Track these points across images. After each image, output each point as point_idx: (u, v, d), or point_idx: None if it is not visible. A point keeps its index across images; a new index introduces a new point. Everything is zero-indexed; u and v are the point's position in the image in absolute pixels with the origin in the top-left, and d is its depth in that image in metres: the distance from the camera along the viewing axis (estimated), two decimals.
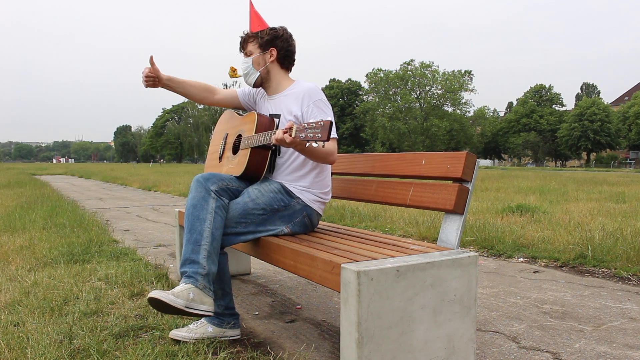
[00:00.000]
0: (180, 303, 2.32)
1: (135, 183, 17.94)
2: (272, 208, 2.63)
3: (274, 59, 2.81)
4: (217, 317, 2.58)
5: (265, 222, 2.63)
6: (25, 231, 5.89)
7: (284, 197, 2.68)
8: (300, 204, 2.71)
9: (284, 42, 2.82)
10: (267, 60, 2.81)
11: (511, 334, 2.74)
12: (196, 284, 2.39)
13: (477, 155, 3.30)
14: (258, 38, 2.81)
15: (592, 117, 67.78)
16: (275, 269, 4.29)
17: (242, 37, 2.87)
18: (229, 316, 2.61)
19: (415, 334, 2.00)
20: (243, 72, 2.87)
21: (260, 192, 2.64)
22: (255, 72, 2.82)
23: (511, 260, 4.69)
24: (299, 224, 2.74)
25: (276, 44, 2.81)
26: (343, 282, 1.94)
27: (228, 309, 2.61)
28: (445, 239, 2.36)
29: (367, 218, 7.12)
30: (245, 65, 2.84)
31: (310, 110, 2.66)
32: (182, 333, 2.54)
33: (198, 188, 2.61)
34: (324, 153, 2.54)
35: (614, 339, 2.67)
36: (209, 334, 2.56)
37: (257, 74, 2.82)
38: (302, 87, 2.75)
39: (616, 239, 4.78)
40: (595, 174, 27.80)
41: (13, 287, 3.48)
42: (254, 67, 2.82)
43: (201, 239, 2.47)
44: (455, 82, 70.37)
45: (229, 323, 2.60)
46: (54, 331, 2.58)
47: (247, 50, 2.84)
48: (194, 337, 2.52)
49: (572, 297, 3.44)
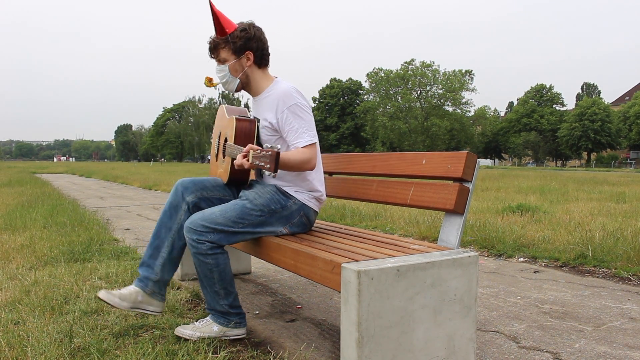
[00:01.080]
0: (126, 306, 2.55)
1: (136, 182, 17.94)
2: (269, 209, 2.61)
3: (251, 62, 2.68)
4: (223, 316, 2.58)
5: (263, 224, 2.61)
6: (26, 230, 5.89)
7: (281, 197, 2.66)
8: (297, 204, 2.69)
9: (258, 43, 2.67)
10: (244, 66, 2.68)
11: (511, 334, 2.74)
12: (145, 289, 2.60)
13: (477, 154, 3.27)
14: (230, 43, 2.63)
15: (593, 117, 67.76)
16: (275, 268, 4.29)
17: (212, 44, 2.68)
18: (234, 315, 2.60)
19: (415, 334, 2.01)
20: (221, 81, 2.75)
21: (257, 194, 2.63)
22: (234, 79, 2.71)
23: (511, 260, 4.69)
24: (297, 224, 2.73)
25: (251, 47, 2.65)
26: (343, 281, 1.94)
27: (233, 308, 2.59)
28: (445, 238, 2.36)
29: (367, 217, 7.12)
30: (222, 73, 2.70)
31: (284, 117, 2.57)
32: (187, 331, 2.54)
33: (175, 195, 2.73)
34: (297, 163, 2.48)
35: (614, 339, 2.67)
36: (214, 333, 2.56)
37: (237, 81, 2.71)
38: (277, 91, 2.65)
39: (616, 239, 4.78)
40: (595, 174, 27.80)
41: (14, 285, 3.48)
42: (232, 75, 2.69)
43: (162, 247, 2.64)
44: (455, 82, 70.34)
45: (234, 322, 2.60)
46: (55, 330, 2.58)
47: (220, 58, 2.69)
48: (198, 335, 2.53)
49: (572, 297, 3.44)
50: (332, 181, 3.16)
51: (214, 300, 2.57)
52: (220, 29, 2.62)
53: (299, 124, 2.55)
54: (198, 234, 2.46)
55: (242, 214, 2.55)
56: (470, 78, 71.84)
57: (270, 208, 2.61)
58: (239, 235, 2.57)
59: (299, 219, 2.71)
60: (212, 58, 2.74)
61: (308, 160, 2.51)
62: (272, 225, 2.64)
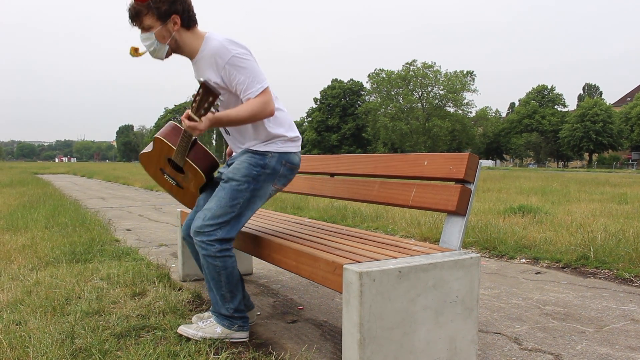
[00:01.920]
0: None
1: (137, 182, 17.95)
2: (252, 176, 2.54)
3: (179, 26, 2.48)
4: (227, 319, 2.58)
5: (254, 192, 2.56)
6: (28, 230, 5.90)
7: (257, 159, 2.58)
8: (274, 156, 2.60)
9: (182, 4, 2.47)
10: (171, 31, 2.47)
11: (513, 335, 2.74)
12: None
13: (478, 155, 3.26)
14: (153, 9, 2.42)
15: (594, 118, 67.70)
16: (277, 269, 4.29)
17: (132, 11, 2.45)
18: (238, 319, 2.60)
19: (417, 335, 2.00)
20: (149, 50, 2.52)
21: (235, 168, 2.58)
22: (162, 46, 2.50)
23: (513, 261, 4.69)
24: (283, 175, 2.66)
25: (176, 9, 2.45)
26: (345, 283, 1.93)
27: (237, 312, 2.60)
28: (447, 240, 2.36)
29: (368, 218, 7.12)
30: (148, 42, 2.49)
31: (227, 73, 2.44)
32: (190, 330, 2.55)
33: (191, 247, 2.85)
34: (252, 115, 2.42)
35: (616, 340, 2.66)
36: (217, 335, 2.56)
37: (166, 48, 2.52)
38: (210, 49, 2.47)
39: (618, 240, 4.77)
40: (597, 175, 27.77)
41: (15, 286, 3.48)
42: (159, 42, 2.49)
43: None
44: (457, 83, 70.33)
45: (238, 325, 2.60)
46: (56, 330, 2.58)
47: (144, 25, 2.46)
48: (201, 335, 2.53)
49: (574, 299, 3.44)
50: (334, 182, 3.16)
51: (219, 304, 2.56)
52: None
53: (245, 75, 2.42)
54: (207, 235, 2.46)
55: (233, 194, 2.52)
56: (471, 79, 71.83)
57: (253, 174, 2.55)
58: (242, 217, 2.55)
59: (282, 169, 2.63)
60: (134, 26, 2.51)
61: (262, 109, 2.42)
62: (263, 189, 2.60)
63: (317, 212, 7.83)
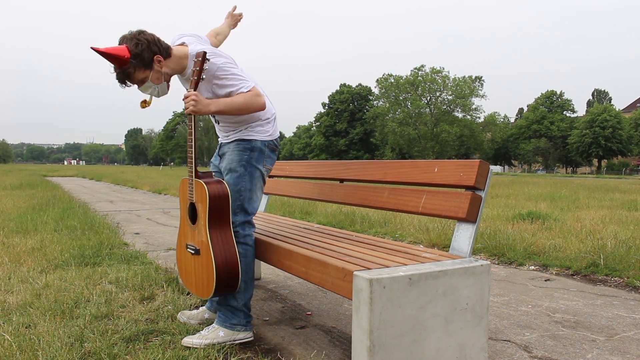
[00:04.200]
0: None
1: (146, 186, 18.01)
2: (245, 160, 2.73)
3: (163, 62, 2.61)
4: (235, 312, 2.64)
5: (252, 174, 2.73)
6: (37, 233, 5.93)
7: (244, 144, 2.74)
8: (258, 139, 2.76)
9: (155, 44, 2.57)
10: (160, 69, 2.62)
11: (522, 343, 2.72)
12: None
13: (487, 161, 3.23)
14: (138, 64, 2.54)
15: (604, 124, 67.29)
16: (285, 275, 4.28)
17: (121, 75, 2.56)
18: (245, 314, 2.67)
19: (427, 343, 1.99)
20: (154, 95, 2.71)
21: (229, 158, 2.77)
22: (162, 85, 2.69)
23: (522, 268, 4.66)
24: (269, 156, 2.81)
25: (153, 51, 2.56)
26: (355, 289, 1.93)
27: (246, 307, 2.68)
28: (457, 247, 2.35)
29: (377, 224, 7.10)
30: (149, 90, 2.66)
31: (216, 87, 2.60)
32: (194, 340, 2.56)
33: None
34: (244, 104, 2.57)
35: (628, 349, 2.64)
36: (221, 338, 2.58)
37: (165, 84, 2.70)
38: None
39: (629, 247, 4.74)
40: (606, 181, 27.61)
41: (24, 288, 3.50)
42: (157, 85, 2.66)
43: None
44: (465, 88, 70.12)
45: (241, 325, 2.64)
46: (65, 334, 2.59)
47: (138, 80, 2.60)
48: (205, 342, 2.54)
49: (584, 307, 3.42)
50: (343, 188, 3.16)
51: (231, 294, 2.64)
52: (119, 60, 2.51)
53: (232, 80, 2.58)
54: None
55: (236, 181, 2.71)
56: (480, 84, 71.62)
57: (245, 158, 2.73)
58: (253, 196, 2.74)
59: (267, 150, 2.79)
60: (129, 86, 2.65)
61: (254, 100, 2.59)
62: (257, 169, 2.76)
63: (326, 217, 7.82)
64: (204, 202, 2.56)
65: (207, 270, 2.55)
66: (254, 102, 2.60)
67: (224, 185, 2.63)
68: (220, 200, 2.58)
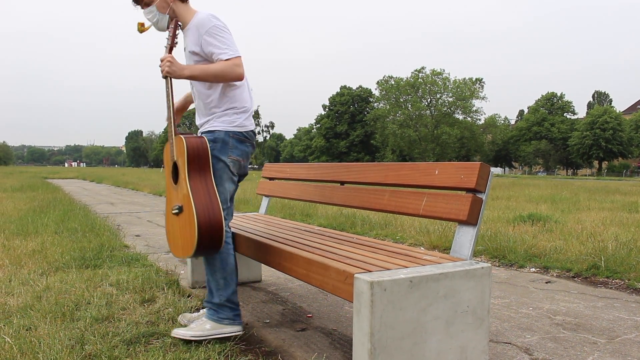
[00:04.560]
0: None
1: (146, 188, 18.01)
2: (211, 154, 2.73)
3: None
4: (219, 308, 2.69)
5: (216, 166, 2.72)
6: (38, 235, 5.93)
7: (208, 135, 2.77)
8: (222, 130, 2.77)
9: None
10: (169, 1, 2.79)
11: (523, 346, 2.72)
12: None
13: (487, 163, 3.23)
14: None
15: (604, 126, 67.31)
16: (285, 277, 4.28)
17: None
18: (229, 309, 2.70)
19: (427, 345, 1.99)
20: (152, 22, 2.85)
21: None
22: (163, 16, 2.82)
23: (523, 270, 4.66)
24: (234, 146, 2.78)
25: None
26: (356, 292, 1.93)
27: (230, 302, 2.71)
28: (458, 249, 2.35)
29: (377, 226, 7.10)
30: (151, 14, 2.82)
31: (204, 41, 2.67)
32: (181, 331, 2.64)
33: None
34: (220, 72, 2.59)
35: (629, 352, 2.64)
36: (207, 331, 2.65)
37: (166, 17, 2.82)
38: (196, 20, 2.74)
39: (630, 249, 4.73)
40: (607, 183, 27.60)
41: (25, 291, 3.50)
42: (160, 12, 2.81)
43: None
44: (466, 90, 70.16)
45: (228, 319, 2.70)
46: (66, 336, 2.59)
47: (145, 1, 2.80)
48: (192, 334, 2.61)
49: (585, 309, 3.41)
50: (344, 191, 3.16)
51: (213, 292, 2.71)
52: None
53: (220, 42, 2.64)
54: None
55: None
56: (480, 86, 71.68)
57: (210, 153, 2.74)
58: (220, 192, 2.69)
59: (231, 140, 2.78)
60: (137, 5, 2.86)
61: (231, 70, 2.60)
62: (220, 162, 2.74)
63: (326, 220, 7.82)
64: (183, 155, 2.59)
65: (190, 224, 2.51)
66: (232, 71, 2.62)
67: (204, 139, 2.67)
68: (198, 150, 2.61)
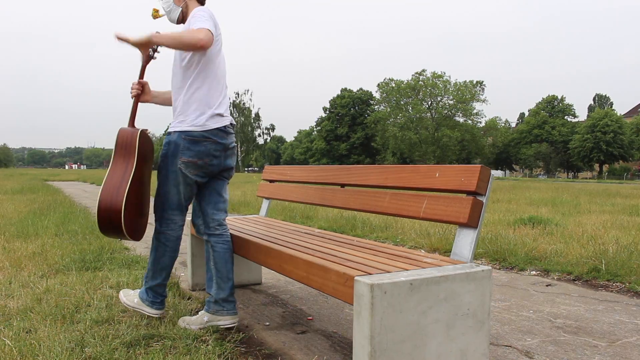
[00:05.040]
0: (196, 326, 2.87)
1: None
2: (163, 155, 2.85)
3: None
4: (146, 290, 2.92)
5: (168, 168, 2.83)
6: (38, 237, 5.93)
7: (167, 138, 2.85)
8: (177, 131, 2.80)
9: None
10: None
11: (524, 349, 2.71)
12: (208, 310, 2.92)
13: (488, 165, 3.26)
14: None
15: (605, 129, 67.29)
16: (286, 279, 4.28)
17: None
18: (152, 293, 2.92)
19: (428, 348, 1.99)
20: (166, 10, 2.93)
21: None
22: (177, 7, 2.90)
23: (523, 273, 4.66)
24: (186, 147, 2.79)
25: None
26: (356, 294, 1.93)
27: (151, 289, 2.93)
28: (458, 252, 2.34)
29: (378, 228, 7.10)
30: (167, 3, 2.91)
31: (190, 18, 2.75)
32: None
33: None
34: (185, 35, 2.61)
35: (630, 355, 2.63)
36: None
37: (179, 10, 2.90)
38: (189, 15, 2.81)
39: (630, 252, 4.73)
40: (607, 186, 27.59)
41: (25, 293, 3.50)
42: (175, 4, 2.90)
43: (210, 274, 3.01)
44: (466, 93, 70.23)
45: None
46: (66, 339, 2.59)
47: None
48: (125, 301, 2.93)
49: (585, 312, 3.41)
50: (344, 193, 3.16)
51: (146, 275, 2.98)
52: None
53: (200, 21, 2.66)
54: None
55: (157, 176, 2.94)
56: (481, 89, 71.74)
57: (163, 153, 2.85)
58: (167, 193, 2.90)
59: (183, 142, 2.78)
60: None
61: (194, 36, 2.58)
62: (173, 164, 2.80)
63: (327, 222, 7.82)
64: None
65: None
66: (192, 38, 2.59)
67: (136, 132, 2.72)
68: (126, 140, 2.71)
